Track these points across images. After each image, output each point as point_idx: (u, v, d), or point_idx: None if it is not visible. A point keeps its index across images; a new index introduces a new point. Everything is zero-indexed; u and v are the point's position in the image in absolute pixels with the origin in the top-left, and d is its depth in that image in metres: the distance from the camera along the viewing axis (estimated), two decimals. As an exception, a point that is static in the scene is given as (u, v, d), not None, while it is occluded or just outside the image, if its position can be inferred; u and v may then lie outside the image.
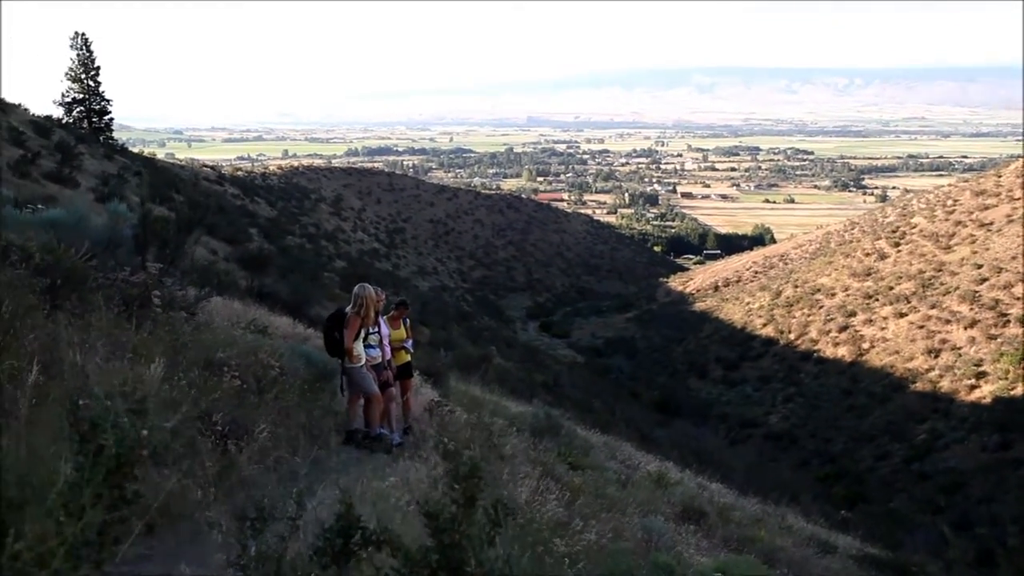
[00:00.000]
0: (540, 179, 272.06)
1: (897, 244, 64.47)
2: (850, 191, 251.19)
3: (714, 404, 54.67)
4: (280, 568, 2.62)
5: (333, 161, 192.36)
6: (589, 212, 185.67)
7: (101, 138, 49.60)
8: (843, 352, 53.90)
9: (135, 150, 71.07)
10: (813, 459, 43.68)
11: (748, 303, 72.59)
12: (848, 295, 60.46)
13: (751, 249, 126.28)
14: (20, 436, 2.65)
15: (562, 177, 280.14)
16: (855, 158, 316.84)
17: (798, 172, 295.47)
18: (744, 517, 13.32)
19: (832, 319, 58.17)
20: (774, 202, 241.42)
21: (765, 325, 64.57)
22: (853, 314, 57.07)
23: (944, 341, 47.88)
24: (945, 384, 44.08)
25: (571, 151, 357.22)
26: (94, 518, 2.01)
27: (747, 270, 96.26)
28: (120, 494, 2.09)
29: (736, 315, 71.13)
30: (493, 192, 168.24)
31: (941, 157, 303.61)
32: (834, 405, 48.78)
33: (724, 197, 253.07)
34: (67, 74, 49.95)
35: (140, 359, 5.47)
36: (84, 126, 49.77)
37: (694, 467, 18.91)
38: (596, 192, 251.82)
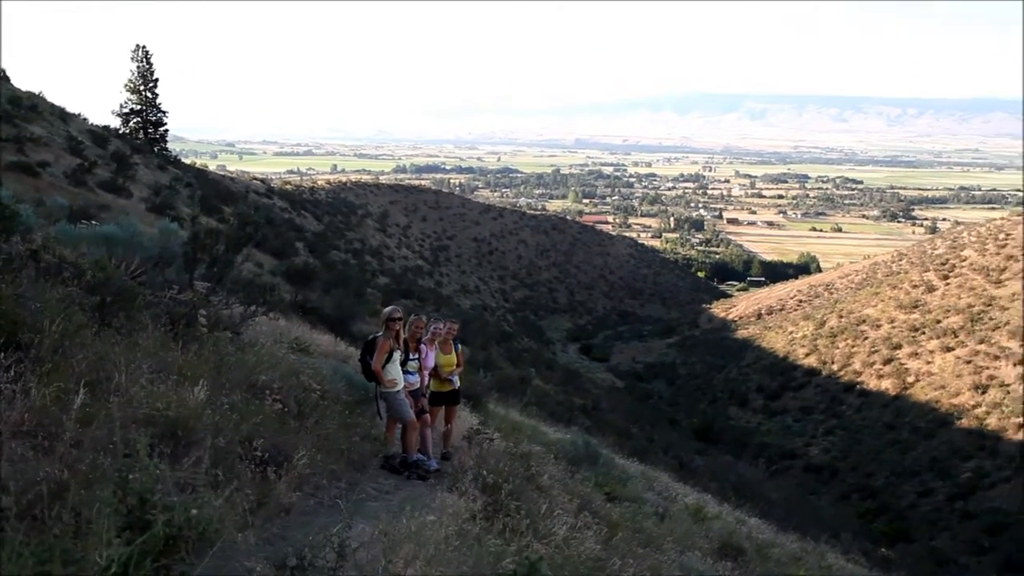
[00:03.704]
0: (586, 201, 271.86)
1: (946, 277, 63.05)
2: (899, 222, 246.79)
3: (754, 433, 53.82)
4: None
5: (381, 177, 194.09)
6: (634, 235, 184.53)
7: (156, 149, 50.66)
8: (887, 385, 52.77)
9: (188, 161, 72.50)
10: (854, 493, 42.72)
11: (791, 332, 71.51)
12: (894, 327, 59.23)
13: (796, 277, 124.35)
14: (67, 500, 2.61)
15: (608, 200, 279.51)
16: (905, 188, 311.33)
17: (847, 201, 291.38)
18: (783, 555, 13.00)
19: (877, 351, 57.03)
20: (821, 231, 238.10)
21: (808, 355, 63.53)
22: (899, 347, 55.88)
23: (992, 377, 46.65)
24: (992, 421, 42.90)
25: (618, 174, 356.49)
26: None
27: (791, 299, 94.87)
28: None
29: (779, 344, 70.09)
30: (538, 213, 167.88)
31: (994, 190, 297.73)
32: (877, 439, 47.73)
33: (770, 224, 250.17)
34: (126, 85, 51.10)
35: (184, 381, 5.51)
36: (140, 137, 50.86)
37: (732, 499, 18.56)
38: (641, 216, 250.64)
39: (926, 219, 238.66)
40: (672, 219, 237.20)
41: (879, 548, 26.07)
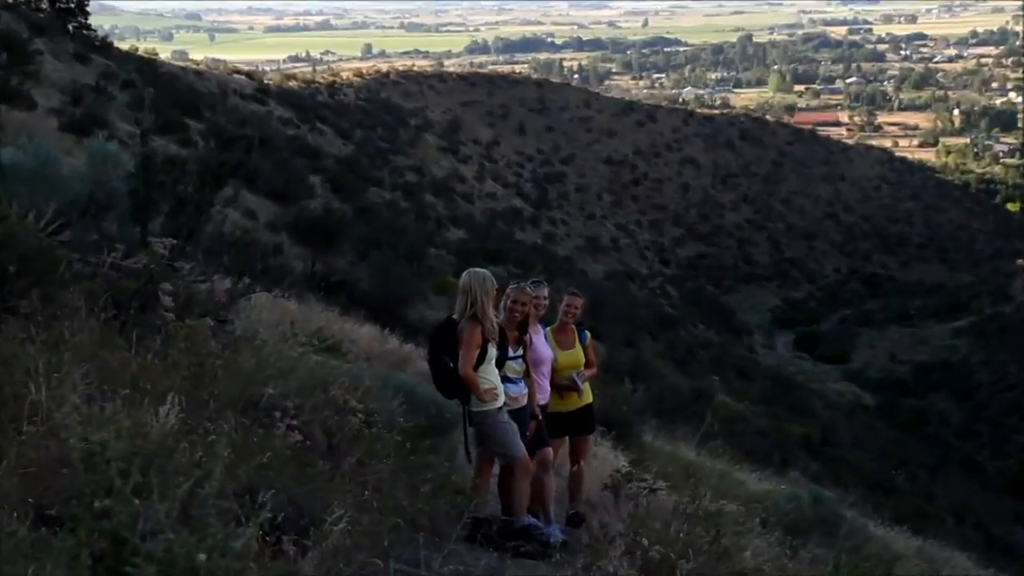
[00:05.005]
0: (799, 88, 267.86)
1: None
2: None
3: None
4: None
5: (446, 62, 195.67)
6: (888, 144, 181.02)
7: (71, 26, 52.20)
8: None
9: (125, 46, 74.68)
10: None
11: None
12: None
13: None
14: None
15: (839, 84, 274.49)
16: None
17: None
18: None
19: None
20: None
21: None
22: None
23: None
24: None
25: (856, 39, 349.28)
26: None
27: None
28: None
29: None
30: (717, 112, 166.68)
31: None
32: None
33: None
34: (24, -70, 52.83)
35: (142, 397, 5.57)
36: (44, 7, 52.47)
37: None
38: (901, 110, 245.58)
39: None
40: (958, 113, 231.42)
41: None
